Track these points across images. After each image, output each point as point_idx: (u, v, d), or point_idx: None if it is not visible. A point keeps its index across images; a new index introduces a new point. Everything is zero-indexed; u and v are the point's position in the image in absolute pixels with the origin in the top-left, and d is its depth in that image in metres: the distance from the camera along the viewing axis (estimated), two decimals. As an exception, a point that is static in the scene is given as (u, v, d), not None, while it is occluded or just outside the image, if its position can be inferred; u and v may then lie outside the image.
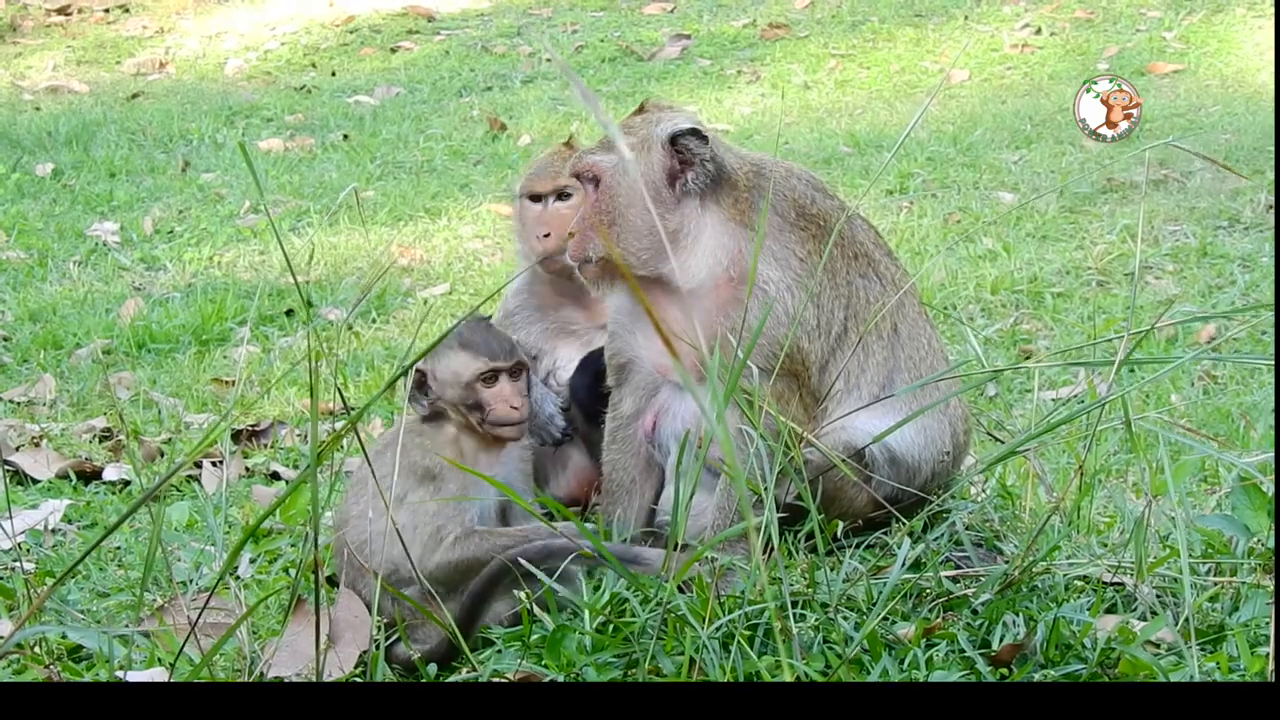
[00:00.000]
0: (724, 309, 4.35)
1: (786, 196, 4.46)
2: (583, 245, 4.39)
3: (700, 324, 4.35)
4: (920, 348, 4.57)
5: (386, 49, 15.83)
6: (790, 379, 4.36)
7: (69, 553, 4.89)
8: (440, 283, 9.03)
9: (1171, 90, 12.45)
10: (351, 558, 4.13)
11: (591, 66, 14.47)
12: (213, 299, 8.57)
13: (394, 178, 11.59)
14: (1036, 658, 3.67)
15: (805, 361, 4.38)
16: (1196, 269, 8.60)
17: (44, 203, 10.97)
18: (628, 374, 4.55)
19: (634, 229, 4.37)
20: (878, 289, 4.54)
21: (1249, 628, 3.78)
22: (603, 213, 4.37)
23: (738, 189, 4.42)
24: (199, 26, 17.07)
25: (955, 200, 10.09)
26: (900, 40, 14.40)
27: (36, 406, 6.92)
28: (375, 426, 6.18)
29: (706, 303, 4.37)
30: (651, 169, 4.36)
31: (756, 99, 13.07)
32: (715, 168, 4.38)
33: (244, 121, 13.44)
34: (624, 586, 3.90)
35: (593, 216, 4.37)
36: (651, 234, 4.36)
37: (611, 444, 4.60)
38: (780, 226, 4.42)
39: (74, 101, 14.35)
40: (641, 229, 4.36)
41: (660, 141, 4.37)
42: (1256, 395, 6.70)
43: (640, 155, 4.36)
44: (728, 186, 4.41)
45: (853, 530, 4.26)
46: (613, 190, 4.39)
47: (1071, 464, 4.79)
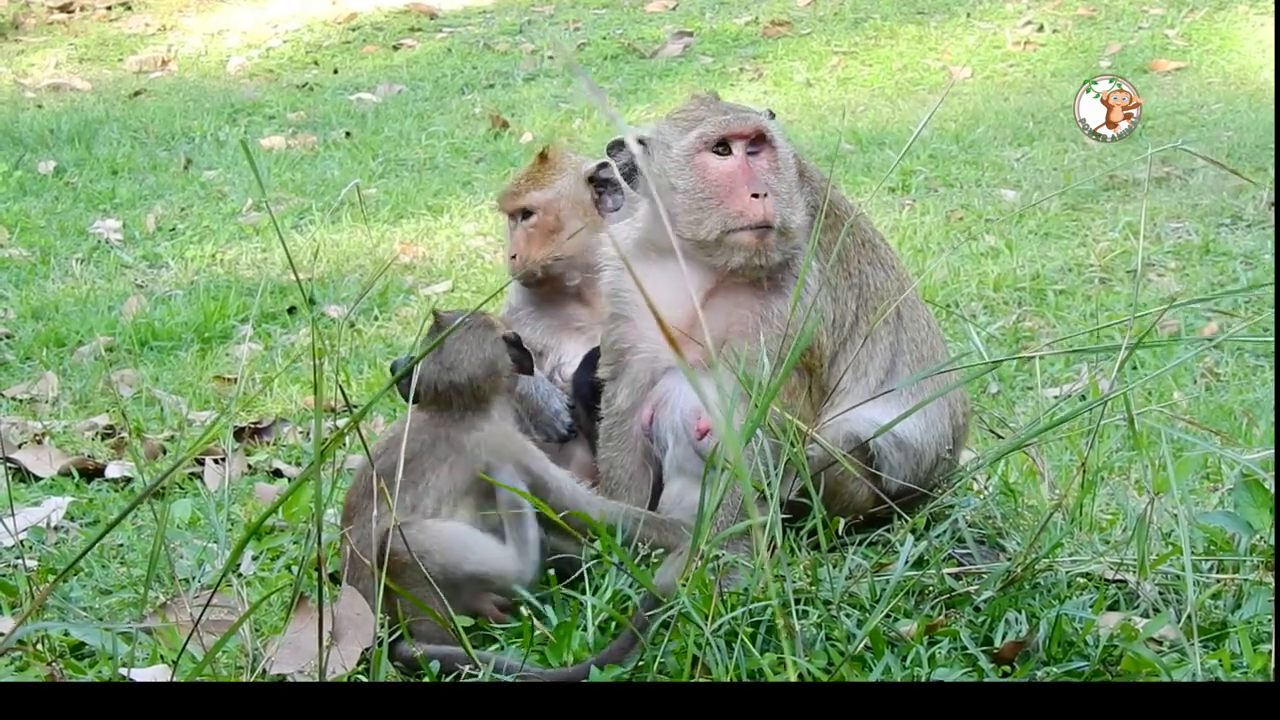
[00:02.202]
0: (765, 299, 4.33)
1: (816, 189, 4.48)
2: (777, 207, 4.30)
3: (740, 313, 4.33)
4: (920, 329, 4.59)
5: (389, 46, 15.83)
6: (803, 373, 4.36)
7: (71, 550, 4.89)
8: (442, 280, 9.03)
9: (1174, 88, 12.45)
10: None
11: (594, 64, 14.46)
12: (215, 296, 8.57)
13: (396, 175, 11.59)
14: (1039, 655, 3.67)
15: (820, 355, 4.38)
16: (1199, 266, 8.59)
17: (46, 200, 10.97)
18: (625, 364, 4.52)
19: (797, 203, 4.40)
20: (883, 276, 4.56)
21: (1251, 625, 3.78)
22: (781, 178, 4.35)
23: (803, 178, 4.45)
24: (201, 24, 17.07)
25: (957, 198, 10.09)
26: (902, 37, 14.39)
27: (39, 404, 6.92)
28: (377, 424, 6.17)
29: (752, 292, 4.36)
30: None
31: (759, 96, 13.06)
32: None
33: (246, 119, 13.44)
34: (628, 584, 3.90)
35: (778, 180, 4.34)
36: (802, 211, 4.39)
37: (607, 441, 4.56)
38: (814, 219, 4.42)
39: (76, 99, 14.35)
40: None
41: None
42: (1259, 392, 6.69)
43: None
44: (801, 176, 4.45)
45: (855, 527, 4.25)
46: (782, 159, 4.39)
47: (1074, 461, 4.78)
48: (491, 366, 4.22)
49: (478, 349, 4.24)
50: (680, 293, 4.32)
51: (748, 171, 4.30)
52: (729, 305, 4.35)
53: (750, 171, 4.30)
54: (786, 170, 4.35)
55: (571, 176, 4.97)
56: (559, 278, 4.92)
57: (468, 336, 4.25)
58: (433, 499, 4.07)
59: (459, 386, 4.19)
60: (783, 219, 4.28)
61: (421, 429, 4.17)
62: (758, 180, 4.29)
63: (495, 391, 4.22)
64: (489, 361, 4.23)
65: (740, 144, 4.33)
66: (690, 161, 4.32)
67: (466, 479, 4.10)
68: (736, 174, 4.30)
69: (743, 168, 4.31)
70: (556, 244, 4.87)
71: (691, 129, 4.34)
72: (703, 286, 4.37)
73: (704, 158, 4.32)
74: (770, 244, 4.27)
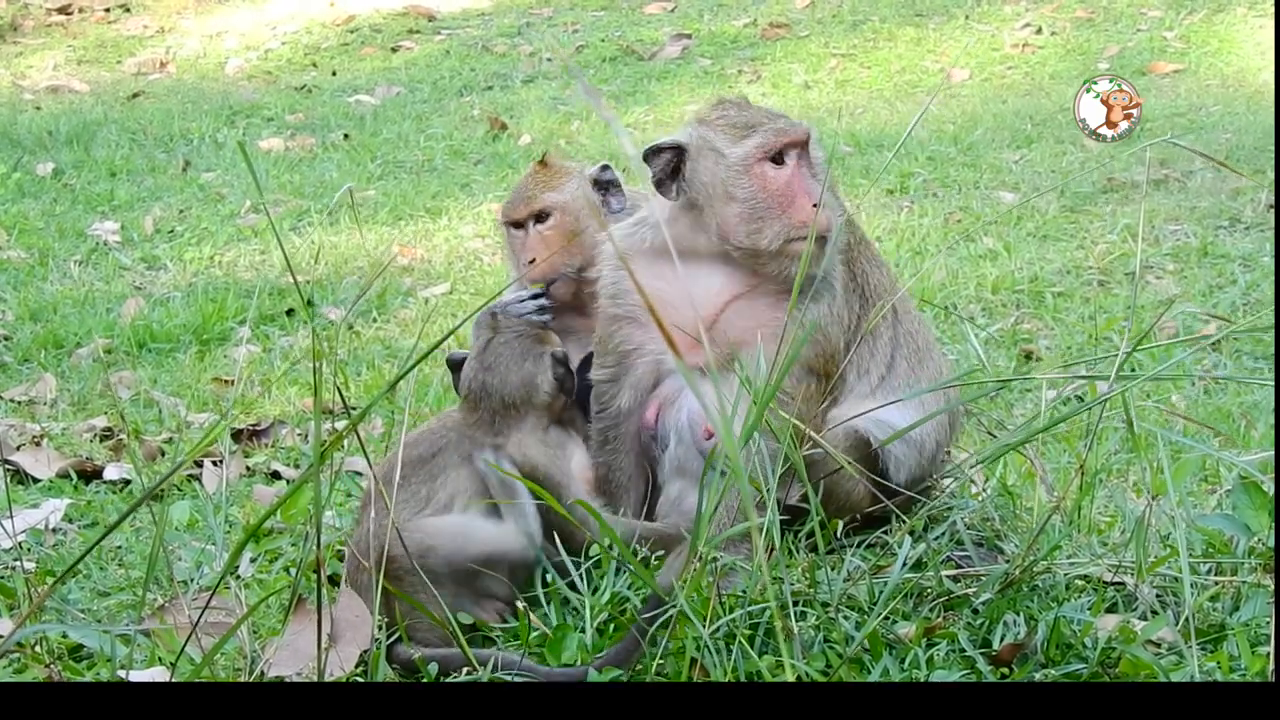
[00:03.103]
0: (785, 305, 4.34)
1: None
2: (829, 216, 4.32)
3: (767, 315, 4.34)
4: (914, 320, 4.63)
5: (387, 48, 15.83)
6: (821, 378, 4.37)
7: (69, 552, 4.89)
8: (441, 282, 9.02)
9: (1172, 90, 12.45)
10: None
11: (592, 66, 14.47)
12: (213, 298, 8.57)
13: (394, 177, 11.59)
14: (1037, 657, 3.67)
15: (837, 359, 4.40)
16: (1197, 269, 8.60)
17: (45, 202, 10.97)
18: (628, 365, 4.51)
19: (837, 210, 4.42)
20: (880, 275, 4.58)
21: (1249, 627, 3.78)
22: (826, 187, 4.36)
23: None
24: (200, 26, 17.07)
25: (956, 200, 10.09)
26: (901, 40, 14.40)
27: (37, 406, 6.92)
28: (376, 426, 6.17)
29: (776, 296, 4.37)
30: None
31: (757, 98, 13.02)
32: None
33: (244, 121, 13.45)
34: (626, 585, 3.90)
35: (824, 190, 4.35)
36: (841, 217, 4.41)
37: (604, 444, 4.54)
38: None
39: (75, 101, 14.35)
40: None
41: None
42: (1257, 395, 6.69)
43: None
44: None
45: (853, 529, 4.26)
46: (822, 168, 4.39)
47: (1072, 463, 4.79)
48: (529, 380, 4.19)
49: (520, 360, 4.20)
50: (692, 296, 4.34)
51: (803, 181, 4.35)
52: (753, 310, 4.36)
53: (805, 181, 4.35)
54: (825, 178, 4.38)
55: (578, 179, 4.98)
56: (581, 282, 4.89)
57: (514, 343, 4.22)
58: (445, 495, 4.06)
59: (490, 391, 4.17)
60: (834, 227, 4.32)
61: (452, 426, 4.16)
62: (815, 190, 4.33)
63: (529, 405, 4.18)
64: (528, 375, 4.19)
65: (794, 153, 4.37)
66: (749, 171, 4.34)
67: (483, 483, 4.08)
68: (795, 184, 4.34)
69: (798, 177, 4.35)
70: (578, 245, 4.85)
71: (747, 137, 4.36)
72: (730, 291, 4.38)
73: (763, 167, 4.35)
74: (819, 253, 4.30)
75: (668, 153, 4.39)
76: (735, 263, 4.37)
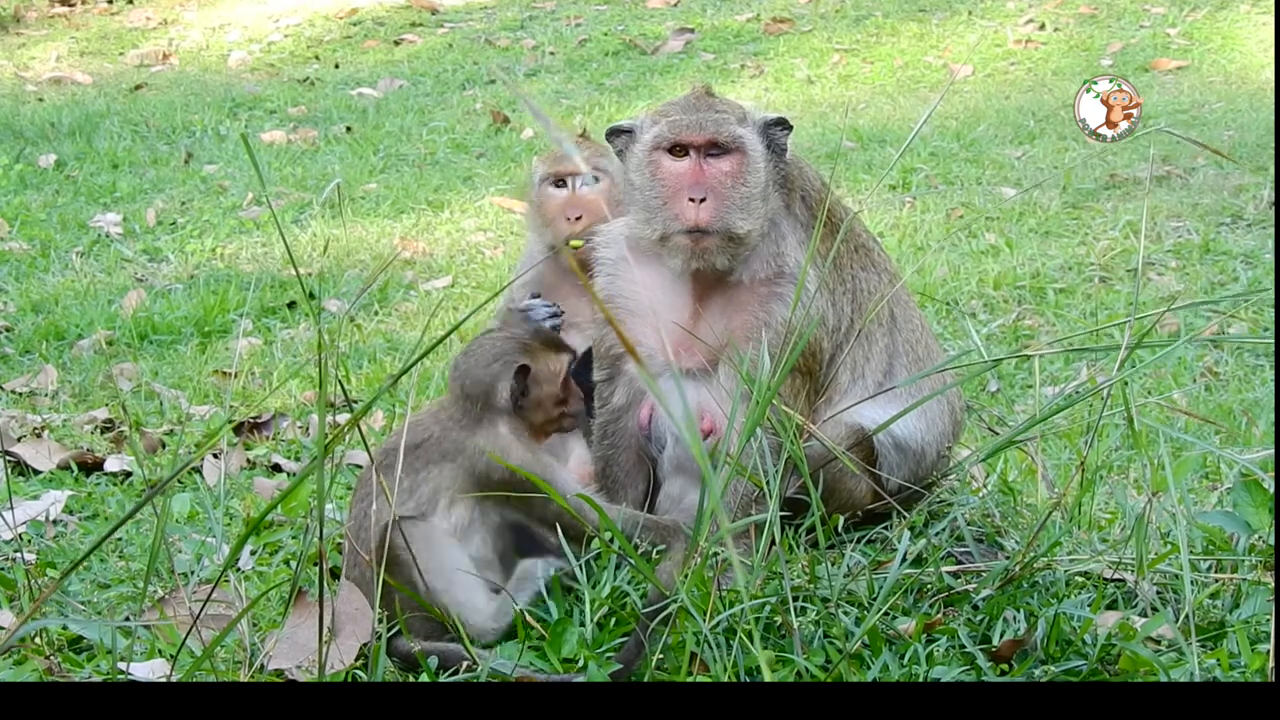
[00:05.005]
0: (765, 303, 4.32)
1: (810, 194, 4.47)
2: (718, 213, 4.24)
3: (741, 318, 4.33)
4: (915, 330, 4.61)
5: (390, 41, 15.83)
6: (803, 375, 4.36)
7: (70, 544, 4.89)
8: (443, 275, 9.03)
9: (1175, 87, 12.45)
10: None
11: (595, 60, 14.47)
12: (215, 291, 8.57)
13: (397, 170, 11.59)
14: (1037, 653, 3.67)
15: (819, 358, 4.38)
16: (1199, 265, 8.60)
17: (47, 194, 10.97)
18: (621, 367, 4.52)
19: (754, 210, 4.31)
20: (876, 280, 4.56)
21: (1249, 624, 3.78)
22: (738, 185, 4.28)
23: (791, 184, 4.41)
24: (202, 18, 17.06)
25: (958, 195, 10.09)
26: (904, 35, 14.39)
27: (38, 397, 6.92)
28: (377, 420, 6.18)
29: (750, 296, 4.36)
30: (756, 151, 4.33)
31: (760, 93, 13.06)
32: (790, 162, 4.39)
33: (247, 113, 13.44)
34: (625, 580, 3.90)
35: (730, 187, 4.27)
36: (758, 218, 4.31)
37: (602, 439, 4.54)
38: (808, 223, 4.41)
39: (77, 93, 14.34)
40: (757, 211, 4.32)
41: (759, 126, 4.34)
42: (1258, 392, 6.70)
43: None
44: (787, 181, 4.41)
45: (854, 524, 4.26)
46: (748, 166, 4.28)
47: (1073, 460, 4.79)
48: (490, 380, 4.16)
49: (491, 359, 4.17)
50: (677, 296, 4.33)
51: (695, 175, 4.27)
52: (729, 309, 4.34)
53: (698, 175, 4.28)
54: (751, 177, 4.29)
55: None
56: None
57: (500, 342, 4.20)
58: (429, 490, 4.05)
59: (457, 375, 4.17)
60: (725, 225, 4.24)
61: (435, 420, 4.14)
62: (699, 185, 4.26)
63: (486, 404, 4.12)
64: (491, 375, 4.15)
65: (698, 150, 4.30)
66: (647, 159, 4.32)
67: (465, 480, 4.07)
68: (683, 177, 4.28)
69: (693, 171, 4.28)
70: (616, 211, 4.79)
71: (655, 125, 4.34)
72: (701, 288, 4.36)
73: (658, 157, 4.31)
74: (708, 247, 4.25)
75: (625, 135, 4.39)
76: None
